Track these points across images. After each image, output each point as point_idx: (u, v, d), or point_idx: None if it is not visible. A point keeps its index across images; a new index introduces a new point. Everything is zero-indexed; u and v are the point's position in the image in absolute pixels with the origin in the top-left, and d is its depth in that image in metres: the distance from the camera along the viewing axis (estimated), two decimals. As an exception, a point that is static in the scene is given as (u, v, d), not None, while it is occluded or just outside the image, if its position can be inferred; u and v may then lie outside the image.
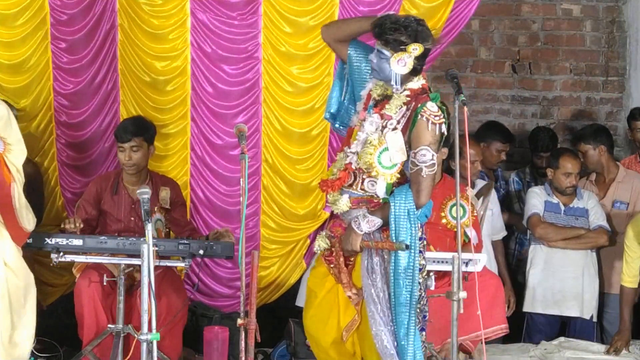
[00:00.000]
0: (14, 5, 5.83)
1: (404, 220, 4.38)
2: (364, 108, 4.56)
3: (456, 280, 4.24)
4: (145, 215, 4.04)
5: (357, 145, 4.48)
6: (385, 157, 4.42)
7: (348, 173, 4.50)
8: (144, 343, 3.99)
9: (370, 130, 4.46)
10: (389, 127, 4.42)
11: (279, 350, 6.26)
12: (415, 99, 4.42)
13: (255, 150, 6.20)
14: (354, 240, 4.45)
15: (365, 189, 4.48)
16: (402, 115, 4.43)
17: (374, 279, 4.45)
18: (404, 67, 4.39)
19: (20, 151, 4.60)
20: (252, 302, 4.40)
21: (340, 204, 4.51)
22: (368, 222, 4.43)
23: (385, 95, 4.51)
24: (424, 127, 4.35)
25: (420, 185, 4.37)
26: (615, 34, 7.67)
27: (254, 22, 6.05)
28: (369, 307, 4.44)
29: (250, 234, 6.24)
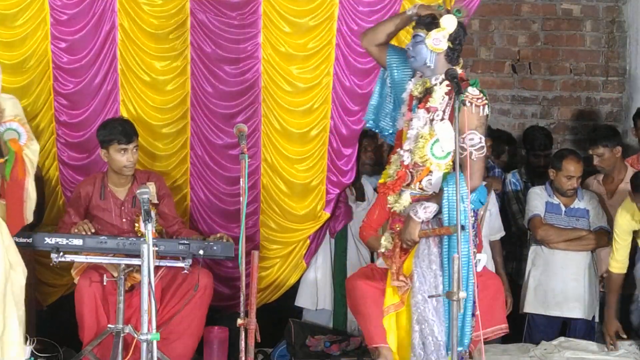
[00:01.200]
0: (14, 5, 5.83)
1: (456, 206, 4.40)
2: (408, 109, 4.63)
3: (456, 280, 4.24)
4: (145, 215, 4.04)
5: (409, 143, 4.53)
6: (437, 148, 4.51)
7: (405, 172, 4.52)
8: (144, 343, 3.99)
9: (419, 126, 4.53)
10: (436, 119, 4.51)
11: (279, 350, 6.26)
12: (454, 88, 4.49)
13: (255, 150, 6.20)
14: (413, 228, 4.52)
15: (423, 188, 4.53)
16: (446, 104, 4.52)
17: (433, 269, 4.51)
18: (440, 44, 4.50)
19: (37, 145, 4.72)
20: (252, 302, 4.41)
21: (403, 202, 4.58)
22: (425, 209, 4.50)
23: (426, 90, 4.54)
24: (468, 112, 4.45)
25: (471, 168, 4.43)
26: (615, 34, 7.68)
27: (253, 22, 6.06)
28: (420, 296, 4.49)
29: (250, 234, 6.24)
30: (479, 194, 4.55)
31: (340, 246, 6.61)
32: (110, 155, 5.58)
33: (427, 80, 4.56)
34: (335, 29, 6.09)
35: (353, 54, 6.14)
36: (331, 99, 6.22)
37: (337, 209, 6.51)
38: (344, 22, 6.08)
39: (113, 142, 5.56)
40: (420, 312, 4.47)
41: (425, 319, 4.46)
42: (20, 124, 4.58)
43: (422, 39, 4.52)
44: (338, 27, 6.09)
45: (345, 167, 6.36)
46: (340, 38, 6.11)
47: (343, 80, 6.18)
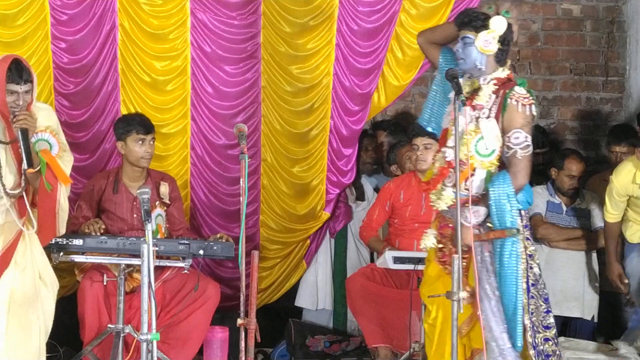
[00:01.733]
0: (14, 5, 5.83)
1: (503, 204, 4.42)
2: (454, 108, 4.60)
3: (456, 280, 4.24)
4: (145, 215, 4.03)
5: (453, 140, 4.50)
6: (481, 145, 4.48)
7: (448, 169, 4.54)
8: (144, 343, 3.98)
9: (464, 123, 4.51)
10: (482, 117, 4.50)
11: (279, 350, 6.26)
12: (503, 87, 4.51)
13: (255, 150, 6.20)
14: (465, 234, 4.44)
15: (467, 188, 4.51)
16: (492, 103, 4.51)
17: (489, 275, 4.48)
18: (490, 46, 4.48)
19: (70, 156, 4.69)
20: (252, 302, 4.41)
21: (445, 199, 4.53)
22: (474, 213, 4.45)
23: (474, 90, 4.57)
24: (514, 110, 4.45)
25: (516, 167, 4.43)
26: (615, 34, 7.67)
27: (253, 22, 6.06)
28: (482, 304, 4.45)
29: (250, 234, 6.24)
30: (525, 194, 4.54)
31: (340, 246, 6.61)
32: (127, 146, 5.57)
33: (475, 81, 4.56)
34: (335, 29, 6.10)
35: (353, 54, 6.14)
36: (331, 99, 6.22)
37: (337, 209, 6.51)
38: (344, 22, 6.09)
39: (132, 132, 5.55)
40: (484, 318, 4.47)
41: (488, 324, 4.46)
42: (52, 135, 4.56)
43: (472, 41, 4.48)
44: (338, 27, 6.10)
45: (345, 167, 6.36)
46: (340, 38, 6.11)
47: (343, 80, 6.18)
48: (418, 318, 5.55)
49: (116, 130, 5.67)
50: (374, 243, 6.21)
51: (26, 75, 4.47)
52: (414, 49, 6.14)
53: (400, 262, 5.66)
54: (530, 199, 4.61)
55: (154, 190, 5.59)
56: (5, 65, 4.43)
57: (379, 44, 6.14)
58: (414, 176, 6.12)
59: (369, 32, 6.12)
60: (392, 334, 5.79)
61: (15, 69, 4.45)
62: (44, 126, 4.56)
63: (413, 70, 6.22)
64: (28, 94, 4.50)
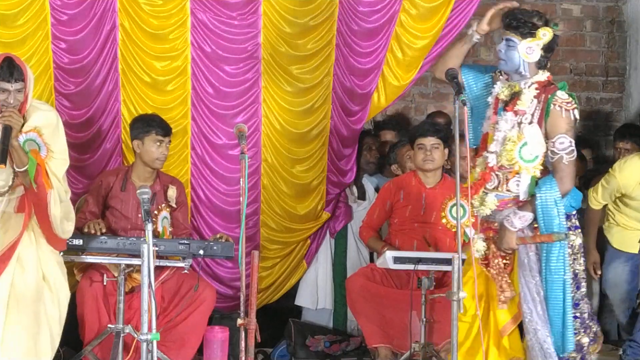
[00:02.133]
0: (14, 5, 5.83)
1: (551, 209, 4.43)
2: (493, 112, 4.61)
3: (456, 280, 4.24)
4: (145, 215, 4.03)
5: (495, 145, 4.52)
6: (525, 151, 4.48)
7: (489, 174, 4.53)
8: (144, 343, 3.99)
9: (506, 128, 4.51)
10: (524, 122, 4.49)
11: (279, 350, 6.27)
12: (544, 91, 4.51)
13: (255, 150, 6.20)
14: (509, 238, 4.49)
15: (510, 190, 4.52)
16: (534, 108, 4.51)
17: (533, 275, 4.49)
18: (533, 55, 4.48)
19: (63, 161, 4.64)
20: (252, 302, 4.41)
21: (488, 204, 4.53)
22: (520, 218, 4.47)
23: (513, 94, 4.56)
24: (558, 116, 4.45)
25: (563, 172, 4.45)
26: (615, 34, 7.68)
27: (254, 22, 6.06)
28: (526, 306, 4.47)
29: (250, 234, 6.24)
30: (571, 198, 4.55)
31: (340, 246, 6.61)
32: (144, 146, 5.59)
33: (515, 85, 4.56)
34: (335, 29, 6.10)
35: (353, 54, 6.15)
36: (331, 99, 6.22)
37: (337, 209, 6.51)
38: (344, 22, 6.09)
39: (151, 133, 5.58)
40: (527, 321, 4.48)
41: (532, 327, 4.47)
42: (38, 135, 4.53)
43: (515, 46, 4.48)
44: (338, 27, 6.10)
45: (345, 167, 6.37)
46: (340, 38, 6.11)
47: (343, 80, 6.18)
48: (418, 318, 5.55)
49: (134, 129, 5.68)
50: (373, 243, 6.21)
51: (17, 74, 4.46)
52: (414, 49, 6.15)
53: (400, 262, 5.66)
54: (576, 202, 4.60)
55: (161, 192, 5.62)
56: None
57: (379, 44, 6.14)
58: (414, 176, 6.12)
59: (369, 32, 6.12)
60: (392, 334, 5.79)
61: (7, 67, 4.45)
62: (32, 126, 4.54)
63: (413, 70, 6.22)
64: (20, 93, 4.48)
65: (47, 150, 4.55)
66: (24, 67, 4.52)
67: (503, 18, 4.55)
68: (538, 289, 4.48)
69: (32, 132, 4.53)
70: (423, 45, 6.17)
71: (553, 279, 4.43)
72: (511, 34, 4.49)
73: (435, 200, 6.01)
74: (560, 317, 4.44)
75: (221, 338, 5.58)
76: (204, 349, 5.56)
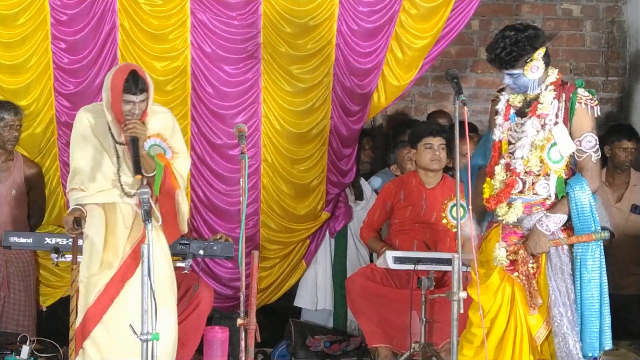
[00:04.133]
0: (14, 5, 5.83)
1: (586, 208, 4.44)
2: (505, 119, 4.57)
3: (456, 280, 4.23)
4: (145, 215, 4.03)
5: (522, 151, 4.48)
6: (554, 152, 4.48)
7: (515, 179, 4.51)
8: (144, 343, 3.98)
9: (532, 133, 4.49)
10: (548, 124, 4.48)
11: (279, 350, 6.26)
12: (562, 90, 4.52)
13: (255, 150, 6.20)
14: (543, 242, 4.47)
15: (537, 193, 4.50)
16: (557, 108, 4.50)
17: (564, 279, 4.47)
18: (538, 71, 4.48)
19: (185, 160, 4.81)
20: (252, 302, 4.41)
21: (515, 210, 4.49)
22: (554, 221, 4.45)
23: (530, 100, 4.55)
24: (584, 114, 4.47)
25: (592, 170, 4.47)
26: (615, 34, 7.67)
27: (254, 22, 6.06)
28: (557, 310, 4.45)
29: (250, 234, 6.24)
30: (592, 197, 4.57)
31: (340, 246, 6.61)
32: None
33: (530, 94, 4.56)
34: (335, 29, 6.09)
35: (353, 54, 6.14)
36: (331, 99, 6.22)
37: (337, 209, 6.51)
38: (344, 22, 6.09)
39: None
40: (557, 325, 4.46)
41: (561, 331, 4.45)
42: (162, 140, 4.70)
43: (520, 75, 4.47)
44: (338, 27, 6.09)
45: (345, 167, 6.37)
46: (340, 38, 6.11)
47: (343, 80, 6.18)
48: (418, 318, 5.55)
49: None
50: (373, 244, 6.21)
51: (142, 85, 4.62)
52: (414, 49, 6.15)
53: (400, 262, 5.66)
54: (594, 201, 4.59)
55: None
56: (122, 76, 4.59)
57: (379, 44, 6.14)
58: (415, 176, 6.12)
59: (369, 32, 6.12)
60: (392, 334, 5.79)
61: (132, 79, 4.60)
62: (155, 131, 4.71)
63: (413, 70, 6.21)
64: (143, 103, 4.65)
65: (172, 152, 4.73)
66: (146, 78, 4.67)
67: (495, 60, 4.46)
68: (569, 292, 4.46)
69: (155, 137, 4.70)
70: (423, 45, 6.16)
71: (590, 278, 4.42)
72: (512, 70, 4.47)
73: (436, 200, 6.01)
74: (597, 317, 4.42)
75: (221, 338, 5.57)
76: (204, 349, 5.55)
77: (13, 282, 5.90)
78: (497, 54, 4.45)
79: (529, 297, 4.49)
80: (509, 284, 4.56)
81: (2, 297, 5.87)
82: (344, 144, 6.32)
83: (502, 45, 4.45)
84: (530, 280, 4.49)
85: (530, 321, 4.53)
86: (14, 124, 5.90)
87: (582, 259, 4.43)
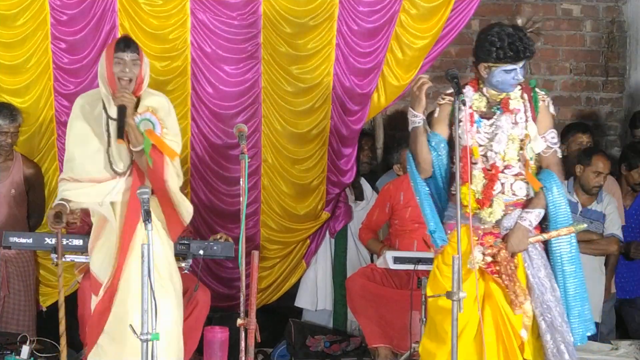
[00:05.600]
0: (14, 5, 5.83)
1: (561, 202, 4.53)
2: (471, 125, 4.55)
3: (456, 281, 4.23)
4: (145, 215, 4.03)
5: (499, 145, 4.51)
6: (529, 149, 4.55)
7: (497, 174, 4.52)
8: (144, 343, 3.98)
9: (508, 128, 4.53)
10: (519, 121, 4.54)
11: (279, 350, 6.26)
12: (523, 89, 4.60)
13: (255, 150, 6.20)
14: (526, 238, 4.51)
15: (516, 193, 4.53)
16: (524, 106, 4.57)
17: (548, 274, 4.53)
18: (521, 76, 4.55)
19: (176, 144, 4.71)
20: (252, 302, 4.41)
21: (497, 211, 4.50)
22: (536, 216, 4.51)
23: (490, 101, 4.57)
24: (547, 111, 4.59)
25: (559, 165, 4.58)
26: (615, 34, 7.67)
27: (254, 22, 6.06)
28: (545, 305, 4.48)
29: (250, 234, 6.24)
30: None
31: (340, 246, 6.61)
32: None
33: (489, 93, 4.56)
34: (335, 29, 6.10)
35: (353, 54, 6.14)
36: (331, 99, 6.22)
37: (337, 209, 6.51)
38: (344, 22, 6.09)
39: None
40: (548, 321, 4.48)
41: (554, 326, 4.47)
42: (152, 114, 4.64)
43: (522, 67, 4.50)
44: (338, 27, 6.10)
45: (345, 167, 6.36)
46: (340, 38, 6.11)
47: (343, 80, 6.18)
48: (418, 318, 5.55)
49: None
50: (372, 245, 6.21)
51: (133, 47, 4.64)
52: (414, 49, 6.14)
53: (400, 262, 5.66)
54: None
55: None
56: (114, 42, 4.69)
57: (379, 44, 6.14)
58: (414, 176, 6.11)
59: (369, 32, 6.12)
60: (392, 334, 5.79)
61: (123, 40, 4.68)
62: (146, 106, 4.66)
63: (413, 70, 6.21)
64: (136, 66, 4.63)
65: (161, 127, 4.65)
66: (138, 46, 4.70)
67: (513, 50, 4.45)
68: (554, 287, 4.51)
69: (147, 112, 4.64)
70: (423, 45, 6.16)
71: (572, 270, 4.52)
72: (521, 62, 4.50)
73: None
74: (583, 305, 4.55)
75: (221, 338, 5.57)
76: (204, 349, 5.56)
77: (13, 282, 5.90)
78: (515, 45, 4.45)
79: (514, 297, 4.48)
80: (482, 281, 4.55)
81: (2, 297, 5.87)
82: (344, 144, 6.32)
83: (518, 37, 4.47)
84: (513, 280, 4.49)
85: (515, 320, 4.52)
86: (9, 131, 5.85)
87: (563, 252, 4.51)
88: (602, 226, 6.31)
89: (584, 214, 6.30)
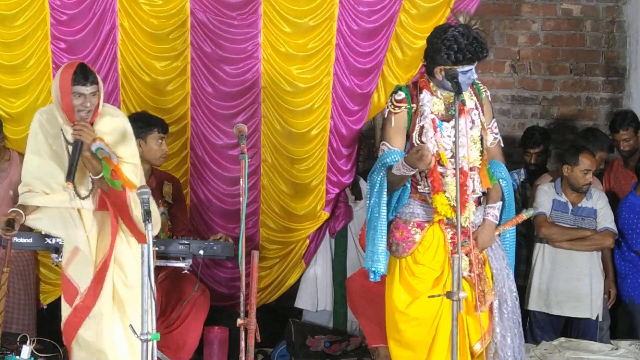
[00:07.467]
0: (14, 5, 5.83)
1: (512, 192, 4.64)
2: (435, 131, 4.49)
3: (456, 280, 4.23)
4: (145, 215, 4.03)
5: (463, 149, 4.45)
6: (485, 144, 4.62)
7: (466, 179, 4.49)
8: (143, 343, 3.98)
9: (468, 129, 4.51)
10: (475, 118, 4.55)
11: (279, 350, 6.26)
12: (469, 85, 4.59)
13: (255, 150, 6.20)
14: (493, 233, 4.58)
15: (476, 190, 4.56)
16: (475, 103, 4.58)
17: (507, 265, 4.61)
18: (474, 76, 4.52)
19: (132, 165, 4.63)
20: (252, 302, 4.41)
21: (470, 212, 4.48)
22: (498, 209, 4.59)
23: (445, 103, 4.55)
24: (488, 101, 4.66)
25: (502, 155, 4.64)
26: (615, 34, 7.67)
27: (253, 22, 6.06)
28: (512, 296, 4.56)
29: (250, 234, 6.24)
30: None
31: (340, 246, 6.61)
32: (147, 144, 5.55)
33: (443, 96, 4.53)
34: (335, 29, 6.10)
35: (353, 54, 6.14)
36: (331, 99, 6.22)
37: (337, 209, 6.51)
38: (344, 22, 6.09)
39: (154, 131, 5.57)
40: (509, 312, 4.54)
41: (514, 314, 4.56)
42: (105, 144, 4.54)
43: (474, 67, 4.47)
44: (338, 27, 6.10)
45: (345, 167, 6.36)
46: (340, 38, 6.11)
47: (343, 80, 6.18)
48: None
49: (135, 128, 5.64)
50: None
51: (92, 77, 4.51)
52: (414, 49, 6.14)
53: (400, 262, 5.64)
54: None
55: (157, 189, 5.61)
56: (70, 70, 4.48)
57: (379, 44, 6.14)
58: (413, 177, 6.11)
59: (369, 32, 6.12)
60: (392, 334, 5.78)
61: (81, 71, 4.49)
62: (101, 135, 4.56)
63: (413, 70, 6.21)
64: (95, 97, 4.53)
65: (116, 158, 4.58)
66: (95, 73, 4.57)
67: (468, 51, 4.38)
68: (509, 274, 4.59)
69: (99, 140, 4.55)
70: (423, 45, 6.14)
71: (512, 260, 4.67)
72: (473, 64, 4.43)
73: (435, 200, 6.00)
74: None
75: (221, 338, 5.58)
76: (204, 349, 5.57)
77: (13, 281, 5.89)
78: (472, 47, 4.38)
79: (482, 296, 4.48)
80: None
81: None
82: (343, 144, 6.32)
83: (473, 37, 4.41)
84: (482, 278, 4.50)
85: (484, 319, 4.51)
86: None
87: (511, 242, 4.65)
88: (595, 222, 6.31)
89: (575, 213, 6.31)
